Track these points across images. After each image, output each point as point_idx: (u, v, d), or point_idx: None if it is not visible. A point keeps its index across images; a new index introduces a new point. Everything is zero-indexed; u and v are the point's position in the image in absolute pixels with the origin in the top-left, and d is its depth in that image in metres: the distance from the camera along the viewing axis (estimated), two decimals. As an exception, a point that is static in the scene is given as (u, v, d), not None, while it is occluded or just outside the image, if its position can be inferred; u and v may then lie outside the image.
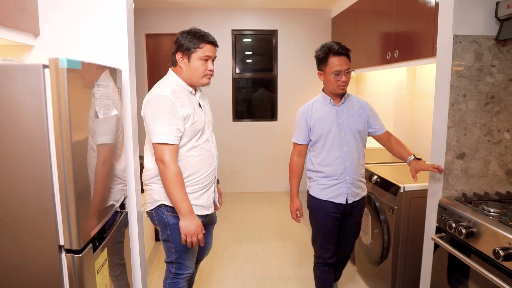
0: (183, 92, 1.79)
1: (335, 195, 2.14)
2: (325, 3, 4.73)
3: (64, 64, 1.16)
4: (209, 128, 1.93)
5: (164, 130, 1.68)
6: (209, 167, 1.88)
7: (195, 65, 1.78)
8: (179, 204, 1.70)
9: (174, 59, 1.84)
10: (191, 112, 1.76)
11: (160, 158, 1.70)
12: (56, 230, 1.24)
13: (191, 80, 1.81)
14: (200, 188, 1.86)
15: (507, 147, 1.89)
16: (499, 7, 1.74)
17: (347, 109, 2.15)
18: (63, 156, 1.21)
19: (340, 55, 2.05)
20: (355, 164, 2.13)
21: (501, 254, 1.40)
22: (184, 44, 1.78)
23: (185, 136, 1.76)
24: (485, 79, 1.82)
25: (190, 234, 1.73)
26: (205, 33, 1.82)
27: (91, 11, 1.79)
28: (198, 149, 1.83)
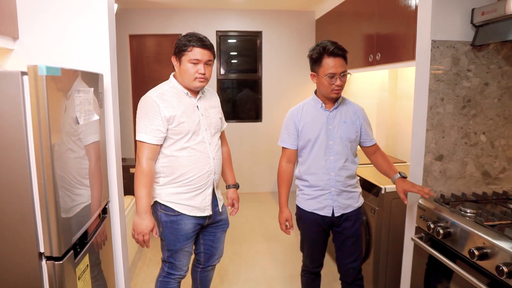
0: (175, 94, 1.83)
1: (320, 207, 1.99)
2: (309, 5, 4.76)
3: (43, 72, 1.15)
4: (208, 130, 1.90)
5: (144, 129, 1.75)
6: (202, 169, 1.87)
7: (184, 68, 1.80)
8: (138, 200, 1.78)
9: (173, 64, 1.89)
10: (178, 113, 1.78)
11: (137, 154, 1.79)
12: (36, 238, 1.23)
13: (184, 82, 1.84)
14: (193, 189, 1.86)
15: (483, 149, 1.94)
16: (474, 14, 1.79)
17: (340, 115, 1.97)
18: (43, 164, 1.20)
19: (336, 56, 1.85)
20: (342, 175, 1.96)
21: (475, 254, 1.44)
22: (177, 46, 1.82)
23: (171, 136, 1.80)
24: (462, 83, 1.87)
25: (137, 231, 1.79)
26: (198, 37, 1.82)
27: (72, 15, 1.78)
28: (190, 150, 1.83)
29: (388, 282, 2.41)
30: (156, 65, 5.03)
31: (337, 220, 2.00)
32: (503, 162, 1.98)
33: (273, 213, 4.45)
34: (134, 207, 3.29)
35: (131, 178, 3.37)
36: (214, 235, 2.08)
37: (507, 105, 1.92)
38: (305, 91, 5.11)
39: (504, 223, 1.54)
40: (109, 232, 1.82)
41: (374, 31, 3.17)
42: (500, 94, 1.91)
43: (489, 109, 1.92)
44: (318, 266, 2.15)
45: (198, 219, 1.92)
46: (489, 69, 1.88)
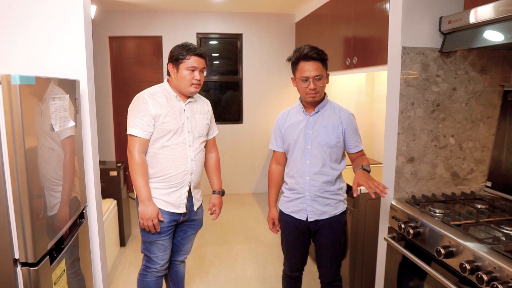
0: (165, 96, 2.00)
1: (296, 210, 2.01)
2: (289, 8, 4.82)
3: (16, 81, 1.16)
4: (191, 133, 2.05)
5: (134, 124, 1.92)
6: (178, 168, 2.01)
7: (182, 75, 1.97)
8: (138, 190, 1.93)
9: (167, 70, 2.05)
10: (164, 112, 1.95)
11: (129, 148, 1.94)
12: (11, 244, 1.23)
13: (180, 88, 2.00)
14: (168, 186, 2.01)
15: (452, 151, 2.02)
16: (442, 22, 1.86)
17: (320, 120, 1.95)
18: (17, 171, 1.21)
19: (310, 59, 1.84)
20: (317, 180, 1.94)
21: (442, 252, 1.51)
22: (174, 55, 1.98)
23: (156, 133, 1.96)
24: (431, 88, 1.95)
25: (145, 218, 1.94)
26: (193, 47, 1.99)
27: (48, 23, 1.77)
28: (169, 149, 1.98)
29: (364, 280, 2.48)
30: (137, 67, 5.01)
31: (312, 225, 2.00)
32: (471, 164, 2.06)
33: (254, 214, 4.49)
34: (115, 210, 3.30)
35: (110, 181, 3.39)
36: (185, 232, 2.21)
37: (474, 109, 2.01)
38: (285, 93, 5.17)
39: (469, 223, 1.62)
40: (87, 237, 1.83)
41: (351, 35, 3.24)
42: (467, 99, 1.99)
43: (457, 113, 1.99)
44: (295, 271, 2.15)
45: (172, 215, 2.05)
46: (456, 74, 1.96)
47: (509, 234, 1.49)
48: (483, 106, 2.02)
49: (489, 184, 2.08)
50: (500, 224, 1.58)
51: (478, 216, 1.69)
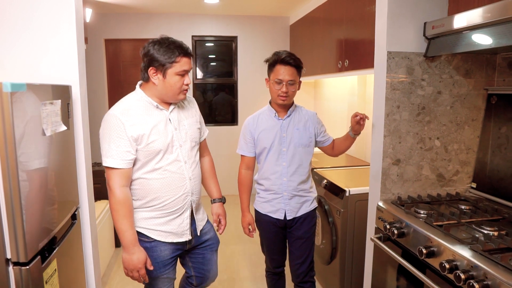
0: (143, 108, 1.62)
1: (273, 210, 2.11)
2: (284, 11, 4.87)
3: (8, 89, 1.21)
4: (184, 146, 1.70)
5: (110, 153, 1.55)
6: (177, 192, 1.68)
7: (171, 82, 1.60)
8: (120, 234, 1.57)
9: (145, 75, 1.63)
10: (146, 132, 1.58)
11: (107, 182, 1.59)
12: (3, 244, 1.28)
13: (166, 96, 1.64)
14: (166, 214, 1.68)
15: (437, 153, 2.07)
16: (426, 27, 1.91)
17: (293, 123, 2.08)
18: (9, 174, 1.26)
19: (287, 64, 1.96)
20: (294, 180, 2.07)
21: (424, 252, 1.55)
22: (158, 58, 1.57)
23: (140, 157, 1.60)
24: (417, 92, 1.99)
25: (129, 268, 1.60)
26: (179, 44, 1.62)
27: (40, 29, 1.81)
28: (161, 171, 1.63)
29: (353, 279, 2.52)
30: (132, 69, 5.06)
31: (289, 222, 2.12)
32: (456, 165, 2.11)
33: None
34: (108, 213, 3.33)
35: (105, 183, 3.41)
36: (203, 256, 1.92)
37: (459, 112, 2.06)
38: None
39: (451, 223, 1.67)
40: (79, 238, 1.87)
41: (343, 37, 3.28)
42: (452, 102, 2.04)
43: (442, 116, 2.04)
44: (279, 267, 2.25)
45: (176, 244, 1.75)
46: (441, 78, 2.00)
47: (488, 234, 1.53)
48: (468, 109, 2.07)
49: (474, 185, 2.12)
50: (481, 224, 1.62)
51: (460, 217, 1.73)
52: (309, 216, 2.16)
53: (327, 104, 4.53)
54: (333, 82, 4.31)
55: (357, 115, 1.98)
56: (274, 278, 2.30)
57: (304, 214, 2.13)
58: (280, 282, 2.33)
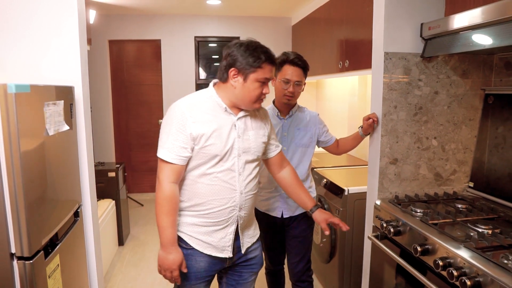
0: (211, 107, 1.54)
1: (271, 208, 2.14)
2: (286, 11, 4.90)
3: (12, 90, 1.26)
4: (242, 157, 1.58)
5: (167, 145, 1.49)
6: (224, 202, 1.56)
7: (250, 87, 1.51)
8: (161, 231, 1.50)
9: (224, 75, 1.54)
10: (207, 133, 1.49)
11: (157, 174, 1.52)
12: (8, 240, 1.33)
13: (242, 101, 1.55)
14: (211, 224, 1.58)
15: (434, 152, 2.09)
16: (423, 28, 1.93)
17: (294, 123, 2.13)
18: (13, 172, 1.31)
19: (295, 65, 2.01)
20: None
21: (418, 250, 1.58)
22: (242, 60, 1.48)
23: (196, 158, 1.52)
24: (414, 92, 2.02)
25: (163, 267, 1.52)
26: (266, 49, 1.53)
27: (43, 31, 1.86)
28: (211, 178, 1.54)
29: (352, 277, 2.55)
30: (136, 70, 5.11)
31: (287, 221, 2.16)
32: (453, 165, 2.13)
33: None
34: (113, 210, 3.39)
35: (109, 182, 3.48)
36: (240, 275, 1.75)
37: (456, 112, 2.08)
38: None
39: (447, 222, 1.69)
40: (82, 235, 1.92)
41: (344, 38, 3.31)
42: (449, 102, 2.06)
43: (439, 116, 2.07)
44: (278, 265, 2.29)
45: (213, 258, 1.61)
46: (438, 78, 2.03)
47: (482, 232, 1.56)
48: (465, 109, 2.09)
49: (471, 184, 2.14)
50: (476, 223, 1.65)
51: (456, 216, 1.76)
52: (307, 216, 2.15)
53: (328, 104, 4.56)
54: (334, 83, 4.33)
55: (369, 118, 2.01)
56: (274, 276, 2.34)
57: (301, 213, 2.16)
58: (280, 280, 2.37)
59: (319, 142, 2.23)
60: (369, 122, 2.01)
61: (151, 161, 5.36)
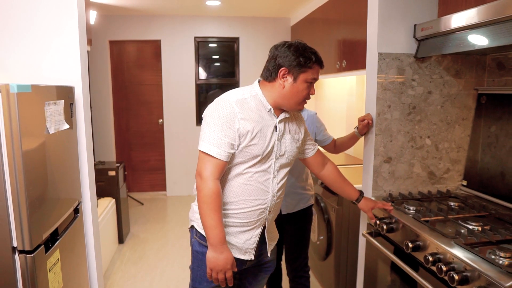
0: (256, 107, 1.51)
1: None
2: (285, 12, 4.94)
3: (14, 90, 1.31)
4: (278, 160, 1.57)
5: (213, 139, 1.43)
6: (256, 204, 1.53)
7: (300, 88, 1.50)
8: (209, 230, 1.42)
9: (271, 74, 1.52)
10: (253, 131, 1.46)
11: (199, 170, 1.45)
12: (10, 234, 1.38)
13: (288, 102, 1.54)
14: (239, 224, 1.55)
15: (428, 151, 2.13)
16: (416, 29, 1.97)
17: None
18: (15, 169, 1.36)
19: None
20: (291, 177, 2.15)
21: (410, 246, 1.62)
22: (294, 59, 1.48)
23: (237, 156, 1.48)
24: (407, 92, 2.06)
25: (216, 269, 1.44)
26: (315, 51, 1.55)
27: (44, 32, 1.90)
28: (247, 178, 1.51)
29: (348, 275, 2.59)
30: (137, 70, 5.16)
31: (285, 217, 2.22)
32: (447, 163, 2.17)
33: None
34: (113, 208, 3.43)
35: (109, 181, 3.52)
36: (254, 276, 1.76)
37: (449, 112, 2.11)
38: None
39: (438, 219, 1.72)
40: (81, 231, 1.97)
41: (341, 38, 3.35)
42: (442, 102, 2.10)
43: (432, 115, 2.10)
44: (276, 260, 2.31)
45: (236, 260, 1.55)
46: (431, 78, 2.07)
47: (473, 229, 1.59)
48: (458, 109, 2.12)
49: (464, 183, 2.18)
50: (467, 220, 1.68)
51: (447, 213, 1.79)
52: (305, 213, 2.24)
53: (327, 104, 4.59)
54: (333, 83, 4.37)
55: (364, 119, 2.03)
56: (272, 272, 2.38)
57: (299, 210, 2.22)
58: (277, 275, 2.42)
59: (316, 141, 2.26)
60: (364, 123, 2.04)
61: (151, 161, 5.41)
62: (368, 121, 2.02)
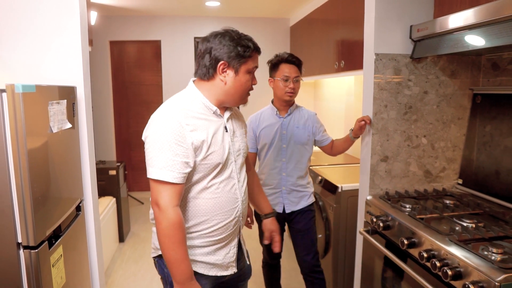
0: (203, 112, 1.37)
1: (272, 204, 2.21)
2: (284, 12, 4.97)
3: (19, 89, 1.36)
4: (236, 162, 1.44)
5: (164, 163, 1.25)
6: (229, 215, 1.40)
7: (242, 80, 1.38)
8: (174, 266, 1.27)
9: (209, 70, 1.37)
10: (207, 140, 1.32)
11: (155, 199, 1.27)
12: (15, 230, 1.43)
13: (232, 97, 1.40)
14: (213, 242, 1.40)
15: (424, 150, 2.17)
16: (412, 30, 2.01)
17: (293, 121, 2.24)
18: (20, 167, 1.40)
19: (291, 63, 2.16)
20: (293, 176, 2.22)
21: (405, 243, 1.65)
22: (231, 50, 1.33)
23: (196, 172, 1.33)
24: (404, 92, 2.09)
25: None
26: (250, 37, 1.41)
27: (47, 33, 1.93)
28: (213, 190, 1.37)
29: (346, 272, 2.62)
30: (137, 70, 5.19)
31: (288, 216, 2.26)
32: (443, 162, 2.20)
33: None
34: (114, 207, 3.46)
35: (110, 180, 3.56)
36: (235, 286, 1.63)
37: (445, 111, 2.15)
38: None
39: (434, 216, 1.76)
40: (83, 228, 2.00)
41: (340, 39, 3.38)
42: (438, 101, 2.13)
43: (429, 115, 2.14)
44: (275, 258, 2.38)
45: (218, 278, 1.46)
46: (427, 79, 2.10)
47: (467, 226, 1.63)
48: (454, 108, 2.16)
49: (460, 181, 2.21)
50: (462, 217, 1.72)
51: (443, 211, 1.83)
52: (308, 210, 2.29)
53: (326, 104, 4.63)
54: (331, 83, 4.40)
55: (362, 120, 2.06)
56: (271, 269, 2.43)
57: (302, 208, 2.26)
58: (276, 273, 2.46)
59: (314, 141, 2.32)
60: (361, 124, 2.07)
61: (151, 160, 5.44)
62: (365, 121, 2.06)
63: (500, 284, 1.21)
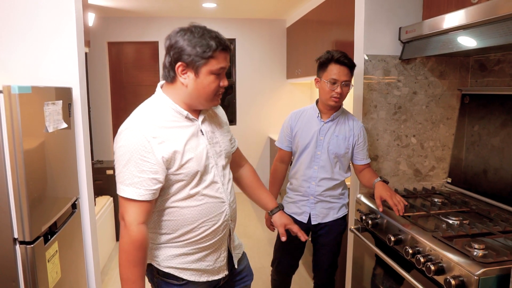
0: (169, 118, 1.27)
1: (298, 212, 2.05)
2: (280, 14, 5.02)
3: (15, 91, 1.41)
4: (218, 164, 1.37)
5: (129, 179, 1.19)
6: (216, 220, 1.35)
7: (205, 82, 1.25)
8: (125, 285, 1.21)
9: (170, 73, 1.28)
10: (179, 149, 1.24)
11: (122, 214, 1.22)
12: (11, 226, 1.47)
13: (197, 101, 1.29)
14: (203, 249, 1.35)
15: (414, 150, 2.21)
16: (401, 32, 2.05)
17: (333, 128, 1.98)
18: (16, 166, 1.45)
19: (342, 64, 1.85)
20: (322, 185, 1.99)
21: (392, 240, 1.69)
22: (189, 51, 1.22)
23: (174, 182, 1.27)
24: (393, 92, 2.14)
25: None
26: (215, 34, 1.25)
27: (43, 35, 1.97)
28: (198, 197, 1.31)
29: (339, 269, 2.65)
30: (135, 71, 5.24)
31: (313, 227, 2.06)
32: (432, 161, 2.25)
33: (246, 212, 4.69)
34: (111, 206, 3.50)
35: (107, 179, 3.59)
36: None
37: (434, 111, 2.20)
38: (277, 95, 5.38)
39: (421, 214, 1.80)
40: (79, 225, 2.05)
41: (334, 40, 3.43)
42: (427, 102, 2.18)
43: (418, 115, 2.18)
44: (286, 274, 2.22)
45: (210, 282, 1.42)
46: (416, 79, 2.15)
47: (452, 223, 1.67)
48: (443, 108, 2.21)
49: (449, 180, 2.26)
50: (448, 215, 1.76)
51: (430, 208, 1.87)
52: (337, 224, 2.06)
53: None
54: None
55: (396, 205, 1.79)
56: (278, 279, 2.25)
57: (331, 221, 2.05)
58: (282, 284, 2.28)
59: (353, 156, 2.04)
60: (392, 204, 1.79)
61: (149, 160, 5.48)
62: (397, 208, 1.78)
63: (479, 278, 1.25)
